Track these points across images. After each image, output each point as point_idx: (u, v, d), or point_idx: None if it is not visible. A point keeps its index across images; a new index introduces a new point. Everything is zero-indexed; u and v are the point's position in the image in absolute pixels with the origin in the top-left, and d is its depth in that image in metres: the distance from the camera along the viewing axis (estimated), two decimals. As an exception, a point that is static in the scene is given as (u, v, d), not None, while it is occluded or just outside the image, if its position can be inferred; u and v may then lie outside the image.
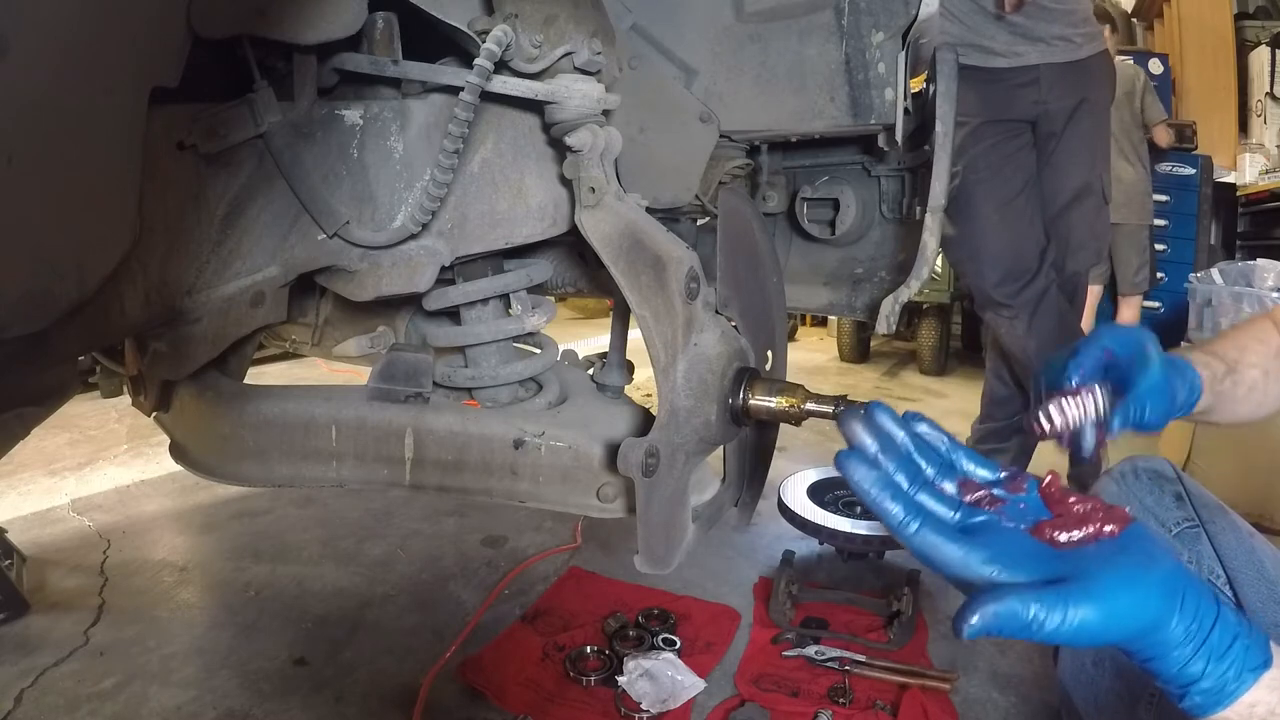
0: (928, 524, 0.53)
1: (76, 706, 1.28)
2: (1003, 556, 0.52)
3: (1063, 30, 1.94)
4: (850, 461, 0.55)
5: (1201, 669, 0.49)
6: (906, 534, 0.53)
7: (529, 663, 1.36)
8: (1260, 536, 0.93)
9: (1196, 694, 0.49)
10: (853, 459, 0.55)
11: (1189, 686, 0.49)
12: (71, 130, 0.55)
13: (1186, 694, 0.50)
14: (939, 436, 0.61)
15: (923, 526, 0.53)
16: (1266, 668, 0.49)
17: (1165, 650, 0.49)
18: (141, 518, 2.10)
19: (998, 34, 1.92)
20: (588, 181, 0.83)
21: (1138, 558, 0.52)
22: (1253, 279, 2.59)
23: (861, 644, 1.42)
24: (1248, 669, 0.49)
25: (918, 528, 0.53)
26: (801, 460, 2.42)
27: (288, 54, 0.86)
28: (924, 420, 0.61)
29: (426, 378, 1.00)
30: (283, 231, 0.93)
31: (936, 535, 0.53)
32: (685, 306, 0.80)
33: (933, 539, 0.53)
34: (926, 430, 0.61)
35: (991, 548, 0.52)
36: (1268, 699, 0.48)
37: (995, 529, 0.55)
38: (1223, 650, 0.49)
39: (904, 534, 0.53)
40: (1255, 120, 4.76)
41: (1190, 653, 0.49)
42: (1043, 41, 1.93)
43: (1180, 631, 0.49)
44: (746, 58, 1.06)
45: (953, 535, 0.53)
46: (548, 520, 2.00)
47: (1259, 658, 0.49)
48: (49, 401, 1.04)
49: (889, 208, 1.30)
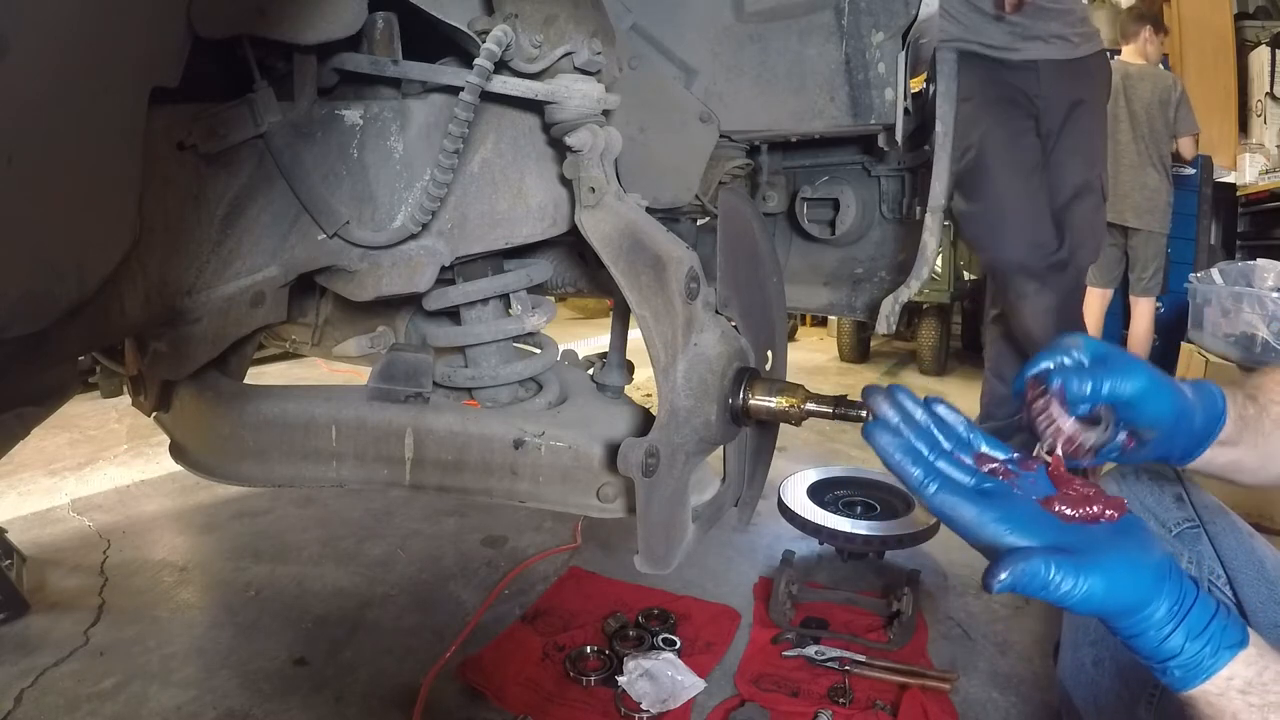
0: (945, 486, 0.58)
1: (76, 706, 1.28)
2: (1013, 519, 0.57)
3: (1060, 29, 1.96)
4: (876, 430, 0.61)
5: (1180, 644, 0.54)
6: (926, 494, 0.59)
7: (529, 663, 1.36)
8: (1260, 536, 0.93)
9: (1175, 668, 0.54)
10: (878, 428, 0.61)
11: (1168, 661, 0.54)
12: (71, 130, 0.55)
13: (1166, 668, 0.54)
14: (958, 418, 0.66)
15: (941, 488, 0.58)
16: (1243, 646, 0.54)
17: (1148, 626, 0.54)
18: (141, 518, 2.11)
19: (996, 33, 1.93)
20: (588, 181, 0.83)
21: (1137, 541, 0.57)
22: (1253, 279, 2.59)
23: (861, 644, 1.42)
24: (1224, 646, 0.53)
25: (936, 489, 0.58)
26: (801, 460, 2.42)
27: (288, 54, 0.86)
28: (943, 403, 0.67)
29: (426, 378, 1.00)
30: (283, 231, 0.93)
31: (953, 495, 0.58)
32: (685, 306, 0.80)
33: (950, 499, 0.58)
34: (946, 412, 0.66)
35: (1003, 510, 0.57)
36: (1244, 673, 0.53)
37: (1008, 495, 0.60)
38: (1200, 628, 0.54)
39: (924, 493, 0.59)
40: (1255, 120, 4.76)
41: (1171, 629, 0.54)
42: (1040, 39, 1.95)
43: (1164, 610, 0.54)
44: (746, 58, 1.06)
45: (969, 496, 0.58)
46: (548, 520, 2.00)
47: (1235, 637, 0.54)
48: (49, 401, 1.04)
49: (889, 208, 1.30)
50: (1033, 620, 1.54)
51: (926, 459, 0.61)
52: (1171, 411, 0.69)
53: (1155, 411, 0.67)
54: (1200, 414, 0.71)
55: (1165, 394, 0.68)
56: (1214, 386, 0.74)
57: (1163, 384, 0.68)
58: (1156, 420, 0.68)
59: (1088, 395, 0.65)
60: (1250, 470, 0.77)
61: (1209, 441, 0.73)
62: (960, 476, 0.61)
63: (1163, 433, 0.69)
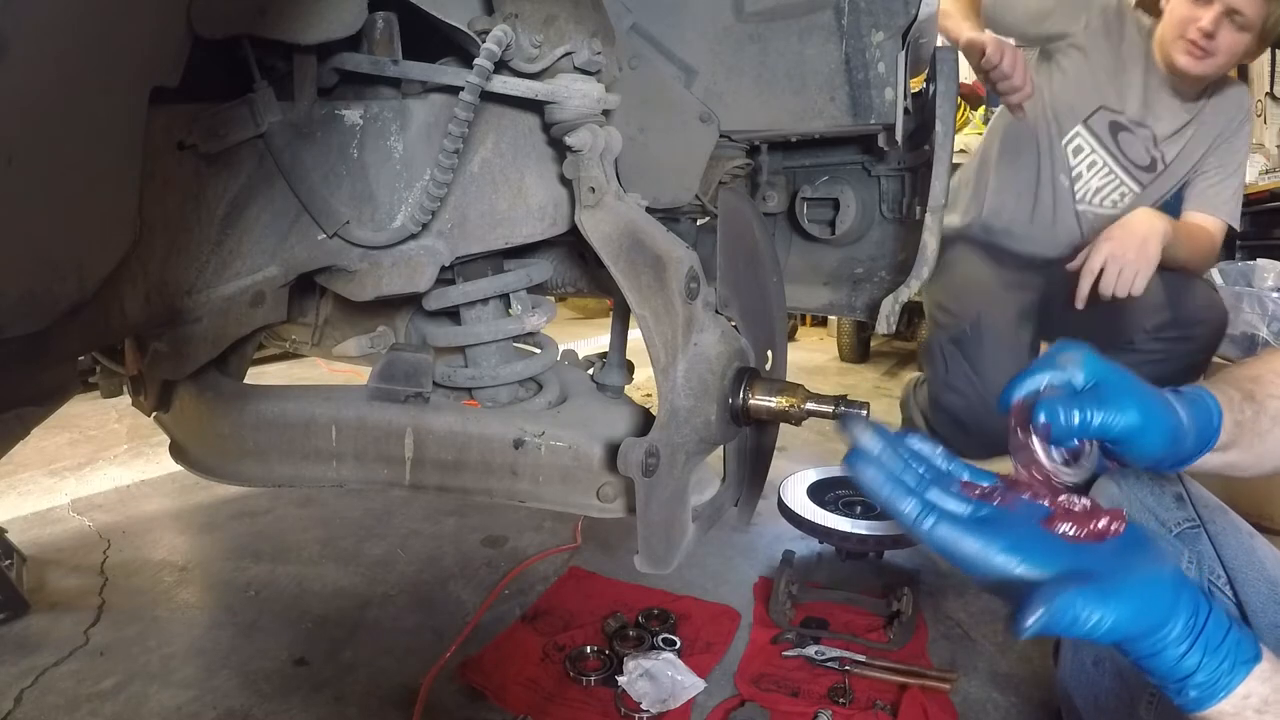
0: (943, 519, 0.54)
1: (76, 706, 1.28)
2: (1020, 547, 0.52)
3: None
4: (859, 463, 0.56)
5: (1197, 662, 0.50)
6: (922, 529, 0.54)
7: (529, 663, 1.36)
8: (1260, 536, 0.93)
9: (1192, 687, 0.50)
10: (860, 460, 0.56)
11: (1185, 680, 0.50)
12: (71, 130, 0.55)
13: (1183, 688, 0.50)
14: (934, 450, 0.62)
15: (939, 521, 0.54)
16: (1257, 660, 0.50)
17: (1165, 645, 0.50)
18: (141, 518, 2.10)
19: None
20: (588, 181, 0.83)
21: (1148, 555, 0.53)
22: (1253, 279, 2.59)
23: (861, 644, 1.42)
24: (1240, 661, 0.50)
25: (933, 523, 0.54)
26: (801, 460, 2.42)
27: (288, 54, 0.86)
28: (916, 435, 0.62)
29: (426, 378, 1.00)
30: (283, 231, 0.93)
31: (953, 528, 0.53)
32: (685, 306, 0.80)
33: (950, 533, 0.53)
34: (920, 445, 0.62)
35: (1008, 538, 0.53)
36: (1260, 690, 0.50)
37: (1007, 521, 0.56)
38: (1217, 643, 0.50)
39: (920, 529, 0.54)
40: (1255, 120, 4.76)
41: (1187, 647, 0.50)
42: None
43: (1181, 626, 0.50)
44: (746, 58, 1.06)
45: (969, 527, 0.54)
46: (548, 520, 1.99)
47: (1250, 651, 0.51)
48: (49, 401, 1.04)
49: (889, 207, 1.30)
50: (1033, 620, 1.54)
51: (916, 490, 0.56)
52: (1163, 444, 0.65)
53: (1146, 445, 0.64)
54: (1192, 437, 0.67)
55: (1157, 426, 0.64)
56: (1209, 398, 0.69)
57: (1156, 414, 0.64)
58: (1146, 454, 0.64)
59: (1074, 431, 0.60)
60: (1245, 469, 0.74)
61: (1200, 457, 0.69)
62: (954, 506, 0.57)
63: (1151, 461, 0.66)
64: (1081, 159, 1.91)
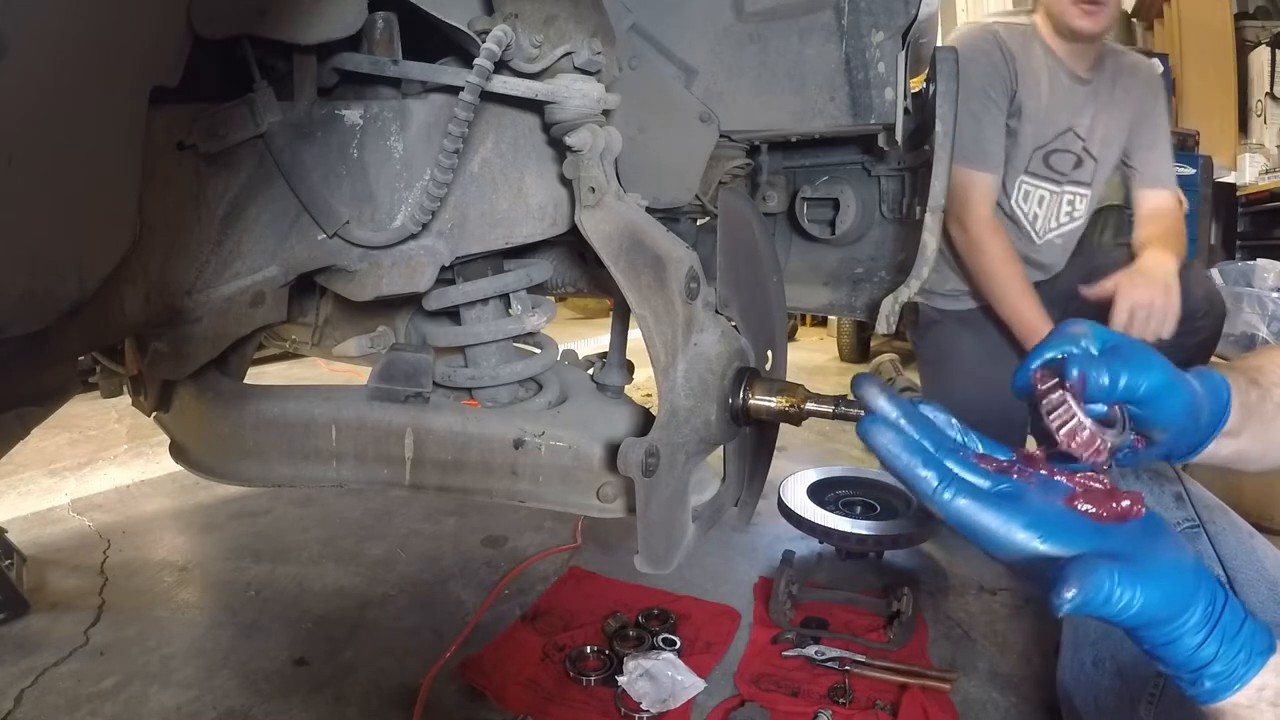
0: (963, 490, 0.51)
1: (76, 706, 1.28)
2: (1043, 524, 0.50)
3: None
4: (874, 428, 0.52)
5: (1214, 651, 0.48)
6: (941, 501, 0.51)
7: (529, 663, 1.36)
8: (1260, 536, 0.93)
9: (1208, 678, 0.49)
10: (876, 424, 0.53)
11: (1201, 670, 0.49)
12: (71, 130, 0.55)
13: (1199, 677, 0.49)
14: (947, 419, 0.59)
15: (958, 493, 0.51)
16: (1272, 651, 0.49)
17: (1182, 634, 0.49)
18: (141, 518, 2.10)
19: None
20: (588, 181, 0.83)
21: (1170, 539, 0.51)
22: (1253, 279, 2.59)
23: (861, 644, 1.42)
24: (1256, 652, 0.49)
25: (953, 494, 0.51)
26: (801, 460, 2.42)
27: (288, 54, 0.86)
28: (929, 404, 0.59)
29: (426, 378, 1.00)
30: (283, 231, 0.93)
31: (973, 501, 0.51)
32: (685, 306, 0.80)
33: (970, 505, 0.51)
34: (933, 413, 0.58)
35: (1030, 514, 0.51)
36: (1275, 682, 0.48)
37: (1029, 496, 0.53)
38: (1234, 633, 0.49)
39: (938, 501, 0.51)
40: (1255, 120, 4.77)
41: (1204, 635, 0.49)
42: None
43: (1199, 614, 0.49)
44: (746, 58, 1.06)
45: (990, 501, 0.51)
46: (548, 520, 1.99)
47: (1265, 642, 0.49)
48: (49, 401, 1.04)
49: (889, 207, 1.30)
50: (1033, 620, 1.54)
51: (935, 458, 0.52)
52: (1186, 409, 0.62)
53: (1170, 409, 0.61)
54: (1206, 409, 0.65)
55: (1180, 389, 0.62)
56: (1218, 375, 0.69)
57: (1177, 377, 0.62)
58: (1171, 419, 0.61)
59: (1104, 389, 0.57)
60: (1253, 460, 0.72)
61: (1214, 436, 0.67)
62: (975, 478, 0.53)
63: (1174, 432, 0.63)
64: (1032, 201, 1.96)
